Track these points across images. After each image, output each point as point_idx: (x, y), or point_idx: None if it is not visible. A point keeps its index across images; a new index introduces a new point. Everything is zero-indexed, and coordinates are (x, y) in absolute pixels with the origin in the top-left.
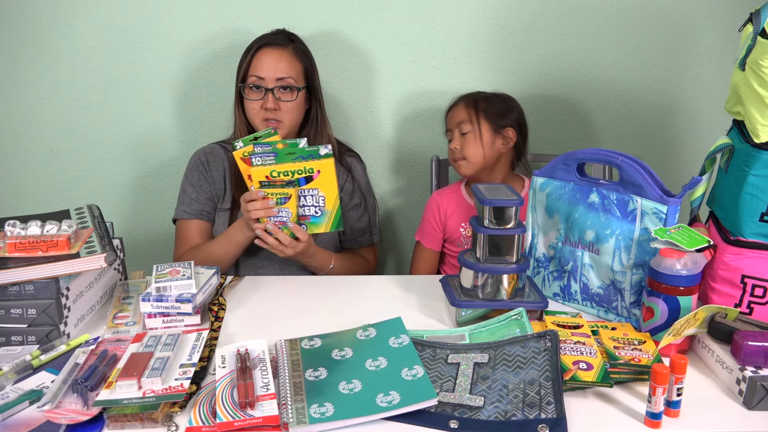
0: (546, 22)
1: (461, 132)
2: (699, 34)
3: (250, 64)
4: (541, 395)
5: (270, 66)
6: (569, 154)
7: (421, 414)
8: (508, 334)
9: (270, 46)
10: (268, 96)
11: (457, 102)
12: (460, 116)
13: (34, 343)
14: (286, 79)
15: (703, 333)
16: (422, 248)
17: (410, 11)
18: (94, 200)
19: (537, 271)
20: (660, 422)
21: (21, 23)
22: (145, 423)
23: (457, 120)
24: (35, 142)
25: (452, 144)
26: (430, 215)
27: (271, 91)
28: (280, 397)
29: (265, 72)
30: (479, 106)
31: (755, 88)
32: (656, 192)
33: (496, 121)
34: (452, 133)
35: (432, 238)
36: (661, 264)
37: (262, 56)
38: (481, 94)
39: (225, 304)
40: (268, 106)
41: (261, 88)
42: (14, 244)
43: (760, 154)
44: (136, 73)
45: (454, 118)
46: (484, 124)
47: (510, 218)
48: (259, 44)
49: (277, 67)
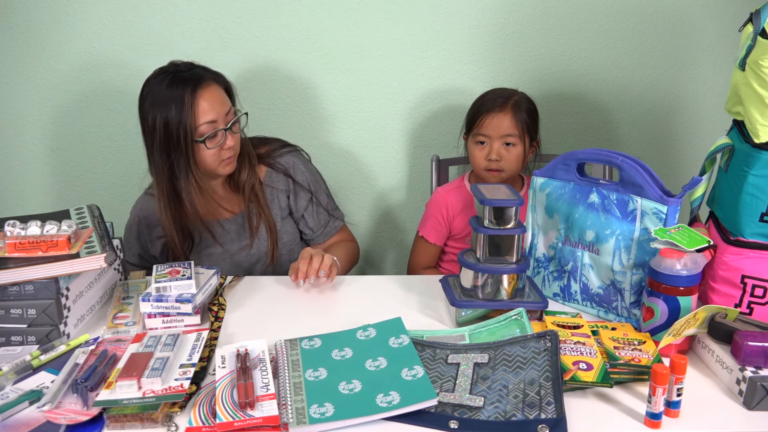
0: (546, 22)
1: (505, 143)
2: (699, 34)
3: (195, 111)
4: (541, 395)
5: (215, 105)
6: (569, 154)
7: (421, 414)
8: (508, 334)
9: (202, 85)
10: (226, 136)
11: (500, 108)
12: (507, 127)
13: (34, 343)
14: (230, 111)
15: (703, 333)
16: (425, 243)
17: (410, 11)
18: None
19: (537, 271)
20: (660, 422)
21: (21, 24)
22: (144, 423)
23: (504, 131)
24: (35, 142)
25: (491, 154)
26: (436, 212)
27: (227, 130)
28: (280, 398)
29: (213, 114)
30: (525, 120)
31: (755, 88)
32: (656, 192)
33: (533, 134)
34: (491, 142)
35: (437, 234)
36: (661, 264)
37: (203, 98)
38: (521, 99)
39: (225, 304)
40: (230, 145)
41: (217, 132)
42: (14, 244)
43: (760, 154)
44: (136, 73)
45: (498, 128)
46: (526, 137)
47: (510, 218)
48: (191, 88)
49: (221, 102)
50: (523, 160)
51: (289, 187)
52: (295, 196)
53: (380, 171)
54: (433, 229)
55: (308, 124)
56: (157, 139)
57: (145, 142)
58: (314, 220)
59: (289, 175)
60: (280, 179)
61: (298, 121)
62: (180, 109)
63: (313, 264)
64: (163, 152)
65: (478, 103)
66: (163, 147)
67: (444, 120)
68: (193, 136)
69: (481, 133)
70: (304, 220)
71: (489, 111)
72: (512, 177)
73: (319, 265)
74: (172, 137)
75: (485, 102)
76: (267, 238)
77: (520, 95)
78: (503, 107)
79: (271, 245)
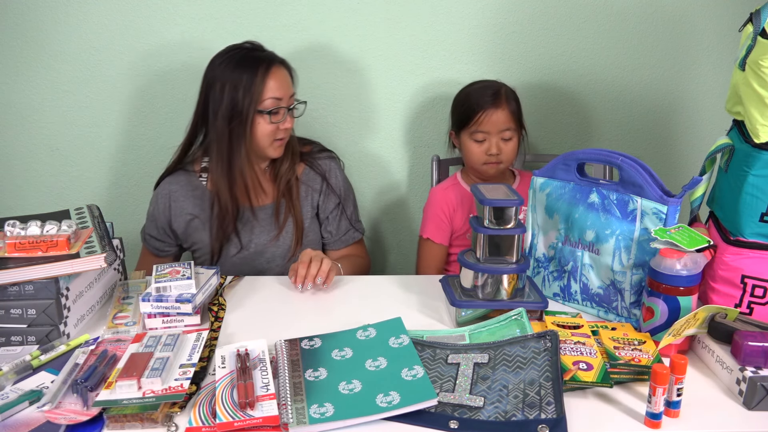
0: (546, 22)
1: (503, 138)
2: (699, 34)
3: (265, 86)
4: (541, 395)
5: (284, 85)
6: (569, 154)
7: (421, 414)
8: (508, 334)
9: (275, 65)
10: (286, 116)
11: (494, 104)
12: (504, 122)
13: (33, 344)
14: (293, 95)
15: (703, 333)
16: (431, 245)
17: (410, 11)
18: (94, 200)
19: (537, 271)
20: (660, 422)
21: (21, 23)
22: (144, 423)
23: (502, 126)
24: (35, 142)
25: (491, 149)
26: (438, 210)
27: (290, 110)
28: (280, 398)
29: (281, 92)
30: (515, 110)
31: (755, 88)
32: (656, 192)
33: (522, 125)
34: (489, 137)
35: (442, 233)
36: (661, 264)
37: (274, 76)
38: (510, 92)
39: (225, 304)
40: (288, 126)
41: (280, 110)
42: (14, 244)
43: (760, 154)
44: (136, 73)
45: (497, 124)
46: (518, 128)
47: (510, 218)
48: (266, 65)
49: (288, 85)
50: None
51: (323, 188)
52: (325, 198)
53: (380, 171)
54: (436, 228)
55: (308, 123)
56: (223, 105)
57: (204, 111)
58: (335, 225)
59: (325, 178)
60: (316, 179)
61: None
62: (251, 81)
63: (311, 270)
64: (226, 118)
65: (466, 100)
66: (227, 113)
67: (444, 120)
68: (257, 106)
69: (480, 130)
70: (328, 222)
71: (484, 107)
72: (508, 167)
73: (316, 271)
74: (238, 104)
75: (477, 98)
76: (293, 233)
77: (505, 86)
78: (497, 102)
79: (296, 241)
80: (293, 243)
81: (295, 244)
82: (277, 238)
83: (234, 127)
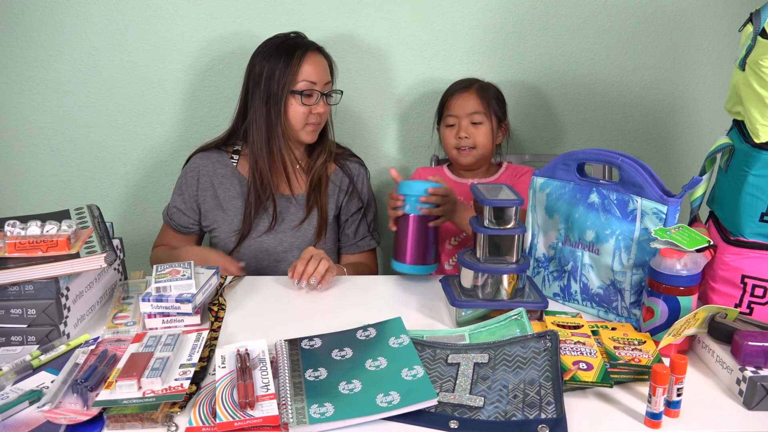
0: (546, 22)
1: (473, 122)
2: (699, 34)
3: (300, 69)
4: (541, 395)
5: (320, 71)
6: (569, 154)
7: (421, 414)
8: (508, 334)
9: (312, 51)
10: (320, 101)
11: (464, 89)
12: (473, 105)
13: (34, 343)
14: (329, 83)
15: (703, 333)
16: None
17: (410, 11)
18: (94, 200)
19: (537, 271)
20: (660, 422)
21: (21, 23)
22: (144, 423)
23: (470, 109)
24: (35, 142)
25: (460, 132)
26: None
27: (324, 95)
28: (280, 398)
29: (316, 77)
30: (491, 97)
31: (755, 88)
32: (656, 192)
33: (500, 114)
34: (459, 121)
35: None
36: (661, 264)
37: (310, 62)
38: (486, 84)
39: (225, 304)
40: (320, 111)
41: (313, 94)
42: (14, 244)
43: (760, 154)
44: (136, 73)
45: (465, 107)
46: (493, 116)
47: (510, 218)
48: (303, 50)
49: (325, 72)
50: (492, 139)
51: (349, 189)
52: (349, 200)
53: (380, 171)
54: None
55: None
56: (261, 86)
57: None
58: (354, 229)
59: (353, 180)
60: (344, 180)
61: None
62: (288, 63)
63: (308, 268)
64: (263, 98)
65: (444, 93)
66: (264, 93)
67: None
68: (291, 86)
69: (450, 114)
70: (347, 225)
71: (454, 93)
72: (485, 156)
73: (313, 270)
74: (274, 85)
75: (450, 88)
76: (316, 226)
77: (487, 82)
78: (468, 88)
79: (317, 234)
80: (314, 236)
81: (316, 237)
82: (299, 228)
83: (270, 107)
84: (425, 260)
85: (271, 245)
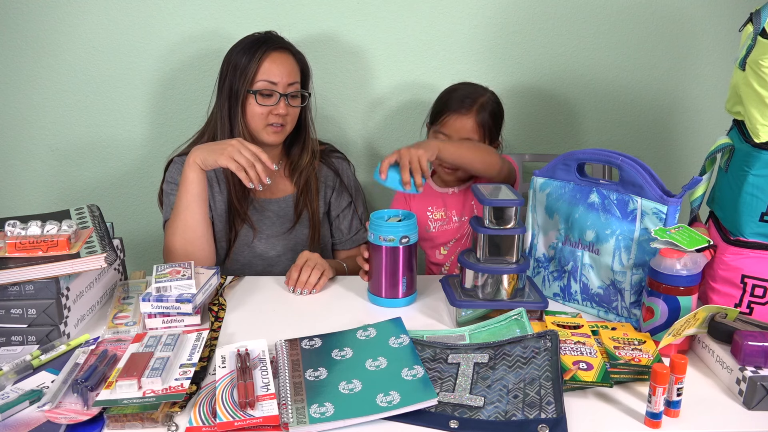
0: (546, 22)
1: None
2: (699, 34)
3: (259, 68)
4: (541, 395)
5: (282, 71)
6: (569, 154)
7: (421, 414)
8: (508, 334)
9: (277, 51)
10: (280, 102)
11: (464, 112)
12: (468, 131)
13: (34, 343)
14: (295, 84)
15: (703, 333)
16: None
17: (410, 11)
18: (94, 200)
19: (537, 271)
20: (660, 422)
21: (21, 23)
22: (145, 423)
23: (464, 134)
24: (35, 142)
25: None
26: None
27: (285, 96)
28: (280, 397)
29: (277, 77)
30: (488, 122)
31: (755, 88)
32: (656, 192)
33: (495, 134)
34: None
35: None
36: (661, 264)
37: (272, 61)
38: (486, 101)
39: (225, 304)
40: (280, 112)
41: (273, 94)
42: (14, 244)
43: (760, 154)
44: (137, 73)
45: (460, 131)
46: (487, 140)
47: (510, 218)
48: (265, 48)
49: (288, 72)
50: None
51: (336, 185)
52: (338, 195)
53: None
54: None
55: None
56: (226, 82)
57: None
58: (347, 224)
59: (338, 175)
60: (329, 176)
61: None
62: (249, 60)
63: (302, 277)
64: (226, 95)
65: (445, 98)
66: (227, 90)
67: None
68: (249, 86)
69: (442, 132)
70: (339, 221)
71: (453, 111)
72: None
73: (306, 279)
74: (235, 82)
75: (452, 100)
76: (308, 228)
77: (488, 97)
78: (468, 110)
79: (311, 237)
80: (308, 239)
81: (310, 242)
82: (290, 232)
83: (231, 106)
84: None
85: (263, 250)
